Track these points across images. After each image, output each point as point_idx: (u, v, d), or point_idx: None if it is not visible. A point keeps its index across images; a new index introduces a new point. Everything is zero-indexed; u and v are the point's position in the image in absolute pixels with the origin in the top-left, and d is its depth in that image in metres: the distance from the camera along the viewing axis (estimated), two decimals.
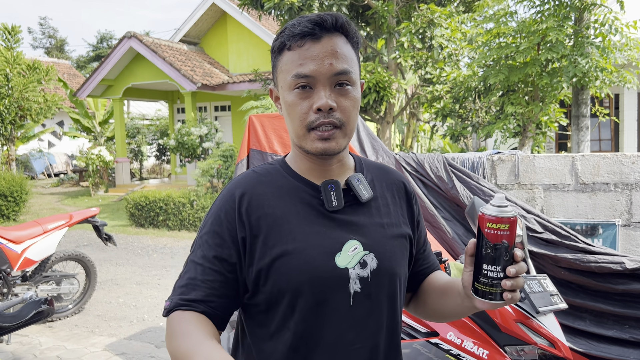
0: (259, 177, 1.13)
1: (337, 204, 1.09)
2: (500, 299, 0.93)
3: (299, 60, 1.05)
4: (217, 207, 1.10)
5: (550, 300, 2.07)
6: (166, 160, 18.94)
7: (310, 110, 1.05)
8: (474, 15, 10.08)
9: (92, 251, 7.85)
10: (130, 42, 13.70)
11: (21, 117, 13.26)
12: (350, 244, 1.08)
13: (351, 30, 1.09)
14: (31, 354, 4.09)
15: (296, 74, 1.04)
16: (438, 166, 3.25)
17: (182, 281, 1.06)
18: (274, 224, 1.06)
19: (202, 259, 1.06)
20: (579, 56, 6.48)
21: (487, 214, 0.92)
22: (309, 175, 1.13)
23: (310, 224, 1.07)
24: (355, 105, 1.09)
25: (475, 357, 2.02)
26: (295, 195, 1.10)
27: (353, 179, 1.12)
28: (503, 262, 0.92)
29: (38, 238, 4.60)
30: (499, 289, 0.93)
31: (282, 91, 1.10)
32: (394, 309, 1.13)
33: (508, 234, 0.91)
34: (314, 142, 1.06)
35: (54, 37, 40.92)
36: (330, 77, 1.04)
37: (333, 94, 1.05)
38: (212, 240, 1.07)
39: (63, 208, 12.21)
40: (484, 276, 0.93)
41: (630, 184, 3.28)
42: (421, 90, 9.90)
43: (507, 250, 0.92)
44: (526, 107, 7.22)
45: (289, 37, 1.06)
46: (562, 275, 2.87)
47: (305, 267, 1.03)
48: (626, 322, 2.74)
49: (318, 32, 1.05)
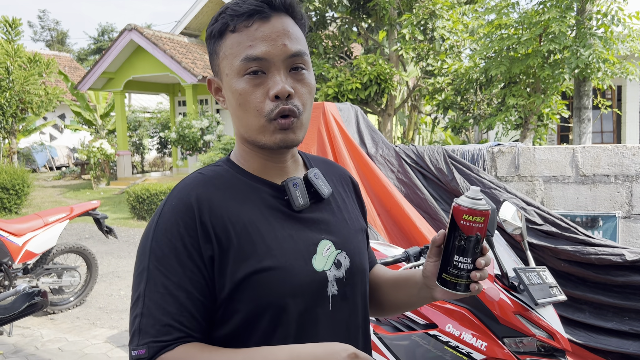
0: (210, 181, 0.98)
1: (304, 202, 0.99)
2: (466, 289, 0.94)
3: (248, 42, 0.93)
4: (169, 222, 0.92)
5: (550, 292, 2.06)
6: (167, 153, 18.94)
7: (266, 98, 0.93)
8: (476, 7, 10.02)
9: (94, 244, 7.87)
10: (131, 35, 13.67)
11: (22, 110, 13.26)
12: (323, 245, 1.00)
13: (298, 10, 0.99)
14: (33, 346, 4.11)
15: (246, 56, 0.92)
16: (438, 158, 3.25)
17: (148, 320, 0.87)
18: (243, 233, 0.93)
19: (165, 288, 0.88)
20: (581, 47, 6.45)
21: (463, 205, 0.91)
22: (264, 174, 1.02)
23: (280, 228, 0.96)
24: (311, 92, 0.99)
25: (473, 348, 2.02)
26: (256, 198, 0.98)
27: (311, 175, 1.03)
28: (473, 254, 0.92)
29: (39, 231, 4.61)
30: (466, 280, 0.93)
31: (227, 79, 0.97)
32: (366, 307, 1.09)
33: (482, 227, 0.91)
34: (273, 134, 0.95)
35: (55, 30, 40.85)
36: (285, 60, 0.94)
37: (289, 79, 0.94)
38: (172, 262, 0.89)
39: (64, 201, 12.24)
40: (454, 267, 0.93)
41: (630, 176, 3.27)
42: (422, 83, 9.87)
43: (478, 243, 0.92)
44: (528, 99, 7.19)
45: (232, 17, 0.94)
46: (562, 267, 2.86)
47: (286, 278, 0.93)
48: (626, 314, 2.74)
49: (267, 10, 0.94)
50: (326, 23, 9.86)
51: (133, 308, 0.89)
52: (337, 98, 8.63)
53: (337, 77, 8.75)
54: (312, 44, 9.54)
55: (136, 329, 0.87)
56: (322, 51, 9.50)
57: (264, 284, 0.91)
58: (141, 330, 0.87)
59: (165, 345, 0.85)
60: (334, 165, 1.19)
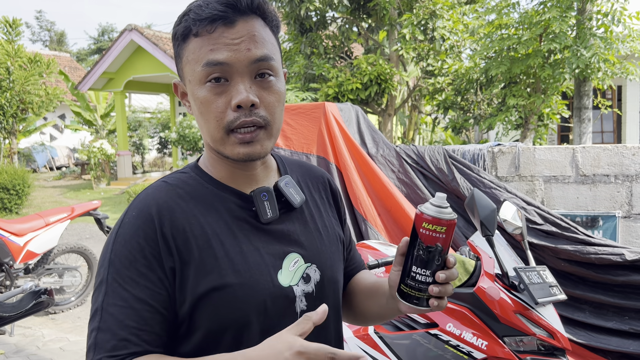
0: (174, 190, 0.93)
1: (272, 214, 0.94)
2: (425, 305, 0.87)
3: (210, 46, 0.88)
4: (128, 233, 0.88)
5: (550, 291, 2.07)
6: (168, 153, 18.96)
7: (228, 107, 0.88)
8: (476, 7, 10.03)
9: (94, 244, 7.87)
10: (131, 35, 13.68)
11: (23, 111, 13.27)
12: (289, 259, 0.95)
13: (269, 11, 0.93)
14: (34, 346, 4.12)
15: (207, 62, 0.87)
16: (438, 158, 3.25)
17: (105, 334, 0.83)
18: (206, 246, 0.89)
19: (124, 301, 0.84)
20: (581, 47, 6.45)
21: (425, 213, 0.86)
22: (232, 182, 0.97)
23: (246, 241, 0.92)
24: (280, 100, 0.93)
25: (474, 347, 2.03)
26: (222, 208, 0.93)
27: (282, 184, 0.97)
28: (434, 267, 0.85)
29: (40, 231, 4.62)
30: (426, 294, 0.86)
31: (190, 86, 0.92)
32: (338, 321, 1.04)
33: (444, 238, 0.85)
34: (234, 147, 0.90)
35: (51, 30, 40.86)
36: (249, 65, 0.88)
37: (254, 87, 0.89)
38: (132, 274, 0.85)
39: (65, 201, 12.25)
40: (412, 279, 0.87)
41: (630, 176, 3.28)
42: (423, 83, 9.88)
43: (440, 255, 0.85)
44: (528, 99, 7.20)
45: (195, 21, 0.89)
46: (562, 267, 2.87)
47: (249, 295, 0.88)
48: (626, 314, 2.75)
49: (231, 14, 0.88)
50: (326, 23, 9.87)
51: (91, 322, 0.86)
52: (338, 98, 8.64)
53: (338, 77, 8.76)
54: (312, 44, 9.55)
55: (92, 343, 0.83)
56: (322, 51, 9.51)
57: (226, 301, 0.87)
58: (97, 345, 0.83)
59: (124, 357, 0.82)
60: (311, 168, 1.14)
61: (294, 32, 9.64)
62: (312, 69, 9.04)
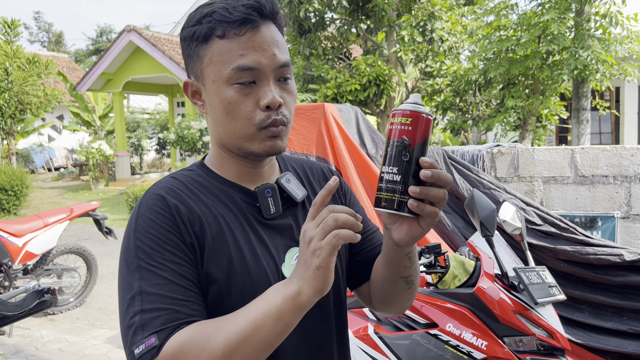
0: (184, 185, 0.97)
1: (275, 210, 0.99)
2: (400, 208, 0.79)
3: (240, 51, 0.91)
4: (149, 219, 0.90)
5: (549, 291, 2.08)
6: (166, 154, 18.95)
7: (257, 107, 0.93)
8: (475, 8, 10.05)
9: (93, 245, 7.86)
10: (130, 36, 13.67)
11: (21, 111, 13.25)
12: (291, 253, 0.99)
13: (281, 18, 0.99)
14: (33, 347, 4.11)
15: (238, 66, 0.91)
16: (438, 159, 3.26)
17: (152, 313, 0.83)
18: (219, 235, 0.93)
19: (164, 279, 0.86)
20: (579, 49, 6.47)
21: (395, 110, 0.82)
22: (238, 179, 1.01)
23: (253, 234, 0.97)
24: (295, 100, 1.00)
25: (474, 347, 2.03)
26: (230, 203, 0.98)
27: (283, 180, 1.02)
28: (403, 164, 0.79)
29: (39, 231, 4.62)
30: (398, 195, 0.79)
31: (213, 86, 0.94)
32: (341, 312, 1.07)
33: (410, 130, 0.79)
34: (263, 142, 0.95)
35: (50, 31, 40.84)
36: (275, 70, 0.94)
37: (278, 89, 0.95)
38: (164, 256, 0.87)
39: (63, 202, 12.23)
40: (381, 180, 0.81)
41: (629, 177, 3.29)
42: (421, 84, 9.89)
43: (406, 149, 0.79)
44: (526, 100, 7.22)
45: (221, 23, 0.91)
46: (561, 267, 2.88)
47: (257, 283, 0.92)
48: (625, 314, 2.76)
49: (258, 19, 0.92)
50: (325, 24, 9.88)
51: (128, 309, 0.84)
52: (336, 99, 8.64)
53: (336, 78, 8.76)
54: (311, 45, 9.56)
55: (137, 326, 0.82)
56: (321, 52, 9.52)
57: (234, 288, 0.91)
58: (145, 325, 0.82)
59: (176, 326, 0.82)
60: (311, 164, 1.17)
61: (292, 33, 9.65)
62: (311, 70, 9.05)
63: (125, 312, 0.85)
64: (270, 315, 0.80)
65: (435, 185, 0.81)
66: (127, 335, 0.83)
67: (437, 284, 2.22)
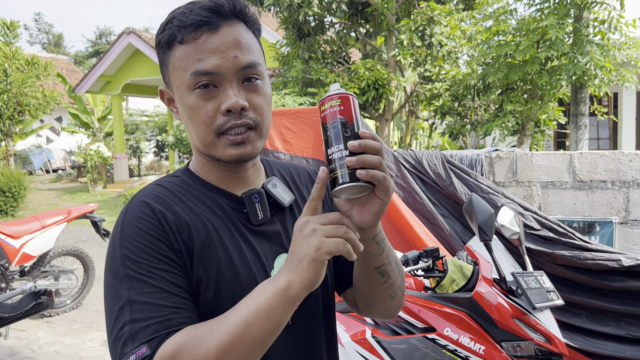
0: (169, 192, 0.94)
1: (263, 216, 0.97)
2: (352, 179, 0.80)
3: (197, 55, 0.89)
4: (136, 227, 0.87)
5: (547, 296, 2.07)
6: (165, 157, 18.93)
7: (218, 112, 0.90)
8: (474, 13, 10.08)
9: (91, 247, 7.84)
10: (129, 38, 13.68)
11: (19, 113, 13.24)
12: (280, 259, 0.97)
13: (251, 15, 0.95)
14: (29, 349, 4.09)
15: (195, 71, 0.89)
16: (436, 163, 3.26)
17: (142, 322, 0.80)
18: (207, 241, 0.91)
19: (154, 287, 0.83)
20: (578, 54, 6.49)
21: (321, 99, 0.86)
22: (223, 185, 0.99)
23: (242, 240, 0.94)
24: (268, 101, 0.95)
25: (472, 352, 2.03)
26: (217, 210, 0.95)
27: (269, 185, 1.00)
28: (344, 140, 0.82)
29: (36, 233, 4.61)
30: (348, 169, 0.81)
31: (178, 92, 0.93)
32: (330, 318, 1.05)
33: (342, 109, 0.83)
34: (225, 149, 0.92)
35: (49, 33, 40.85)
36: (237, 72, 0.90)
37: (243, 91, 0.91)
38: (152, 263, 0.85)
39: (61, 204, 12.20)
40: (331, 162, 0.83)
41: (627, 182, 3.30)
42: (420, 88, 9.91)
43: (345, 127, 0.82)
44: (525, 105, 7.23)
45: (179, 28, 0.90)
46: (559, 272, 2.88)
47: (246, 290, 0.88)
48: (622, 319, 2.76)
49: (215, 20, 0.90)
50: (324, 28, 9.89)
51: (117, 320, 0.82)
52: None
53: (335, 81, 8.78)
54: (310, 49, 9.57)
55: (127, 337, 0.80)
56: (320, 56, 9.53)
57: (224, 295, 0.90)
58: (135, 335, 0.79)
59: (166, 335, 0.80)
60: (296, 167, 1.15)
61: (292, 36, 9.66)
62: (309, 74, 9.06)
63: (113, 324, 0.82)
64: (260, 312, 0.78)
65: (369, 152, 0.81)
66: (117, 347, 0.80)
67: (435, 288, 2.22)
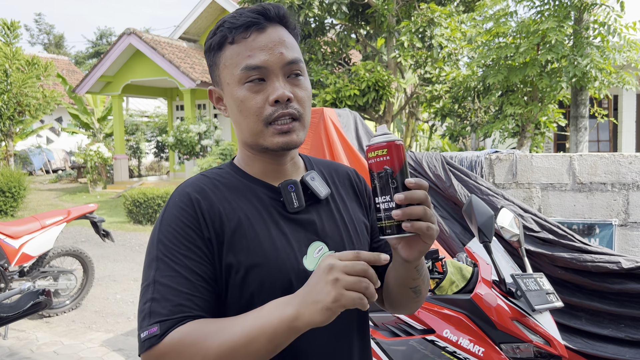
0: (211, 181, 1.03)
1: (299, 204, 1.03)
2: (399, 231, 0.86)
3: (247, 52, 0.99)
4: (173, 215, 0.97)
5: (547, 298, 2.07)
6: (165, 158, 18.92)
7: (266, 103, 0.99)
8: (474, 15, 10.09)
9: (90, 247, 7.84)
10: (130, 39, 13.69)
11: (20, 113, 13.24)
12: (314, 246, 1.03)
13: (291, 21, 1.05)
14: (28, 349, 4.09)
15: (246, 66, 0.98)
16: (436, 165, 3.26)
17: (160, 302, 0.89)
18: (238, 229, 0.98)
19: (175, 272, 0.92)
20: (578, 57, 6.49)
21: (368, 145, 0.89)
22: (263, 176, 1.07)
23: (274, 227, 1.01)
24: (309, 96, 1.04)
25: (471, 354, 2.02)
26: (254, 198, 1.03)
27: (308, 177, 1.07)
28: (391, 191, 0.86)
29: (36, 233, 4.60)
30: (395, 221, 0.86)
31: (228, 88, 1.02)
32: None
33: (389, 159, 0.87)
34: (273, 137, 1.00)
35: (50, 33, 40.87)
36: (283, 67, 1.00)
37: (288, 85, 1.00)
38: (180, 250, 0.94)
39: (61, 204, 12.20)
40: (378, 210, 0.88)
41: (627, 184, 3.29)
42: (420, 90, 9.91)
43: (391, 177, 0.87)
44: (525, 108, 7.23)
45: (230, 30, 1.00)
46: (559, 274, 2.87)
47: (277, 276, 0.97)
48: (622, 321, 2.76)
49: (263, 21, 1.00)
50: (325, 30, 9.90)
51: (143, 296, 0.92)
52: (335, 104, 8.65)
53: (336, 83, 8.78)
54: (310, 50, 9.57)
55: (147, 313, 0.89)
56: (320, 57, 9.53)
57: (254, 279, 0.96)
58: (152, 313, 0.89)
59: (177, 321, 0.88)
60: (337, 166, 1.22)
61: None
62: (310, 75, 9.06)
63: (140, 299, 0.93)
64: (264, 333, 0.83)
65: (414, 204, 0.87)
66: (139, 319, 0.91)
67: (434, 289, 2.22)
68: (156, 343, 0.86)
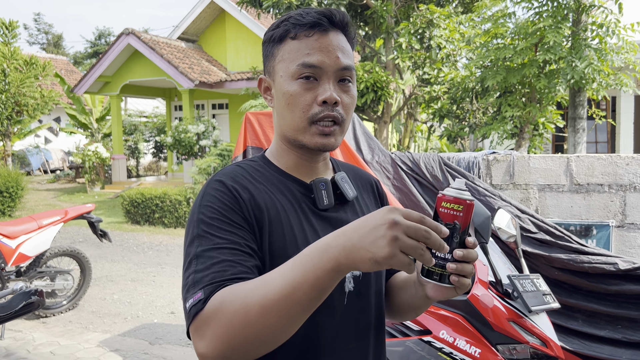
0: (246, 172, 1.06)
1: (328, 202, 1.07)
2: (447, 282, 0.90)
3: (307, 50, 1.02)
4: (213, 197, 0.99)
5: (543, 299, 2.07)
6: (163, 158, 18.91)
7: (314, 102, 1.02)
8: (472, 16, 10.09)
9: (87, 247, 7.83)
10: (128, 39, 13.67)
11: (18, 113, 13.23)
12: None
13: (352, 30, 1.09)
14: (25, 350, 4.08)
15: (303, 62, 1.01)
16: (434, 165, 3.26)
17: (204, 272, 0.90)
18: (276, 218, 1.01)
19: (217, 244, 0.93)
20: (576, 58, 6.50)
21: (445, 194, 0.92)
22: (295, 172, 1.10)
23: (306, 222, 1.04)
24: (354, 103, 1.08)
25: (467, 355, 2.02)
26: (287, 193, 1.06)
27: (338, 177, 1.10)
28: (453, 244, 0.89)
29: (33, 233, 4.60)
30: (447, 271, 0.90)
31: (280, 80, 1.05)
32: (380, 305, 1.13)
33: (461, 216, 0.90)
34: (314, 137, 1.04)
35: (49, 33, 40.82)
36: (337, 71, 1.03)
37: (337, 89, 1.03)
38: (221, 225, 0.95)
39: (59, 204, 12.18)
40: (433, 255, 0.90)
41: (624, 185, 3.30)
42: (419, 91, 9.92)
43: (457, 232, 0.90)
44: (523, 109, 7.24)
45: (295, 26, 1.03)
46: (556, 275, 2.87)
47: None
48: (619, 323, 2.76)
49: (327, 24, 1.04)
50: None
51: (186, 271, 0.93)
52: None
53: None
54: None
55: (191, 284, 0.90)
56: None
57: None
58: (196, 282, 0.89)
59: (220, 284, 0.87)
60: (360, 171, 1.27)
61: None
62: None
63: (183, 275, 0.93)
64: (307, 279, 0.80)
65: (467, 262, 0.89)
66: (183, 293, 0.91)
67: None
68: (201, 308, 0.85)
